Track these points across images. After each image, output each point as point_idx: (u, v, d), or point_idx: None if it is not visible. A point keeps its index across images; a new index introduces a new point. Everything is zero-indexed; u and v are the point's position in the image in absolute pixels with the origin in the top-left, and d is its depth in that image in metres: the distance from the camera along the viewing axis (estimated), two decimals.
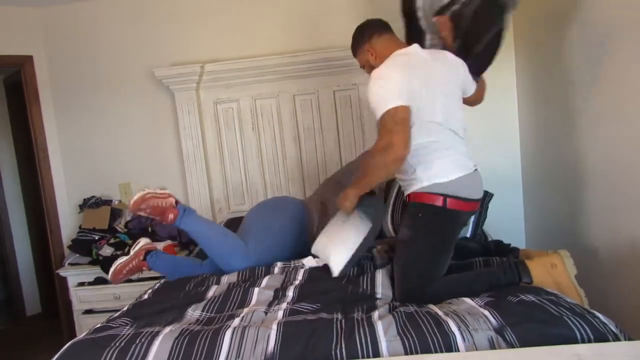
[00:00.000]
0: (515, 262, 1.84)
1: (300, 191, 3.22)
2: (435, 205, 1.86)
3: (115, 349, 1.43)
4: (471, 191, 1.93)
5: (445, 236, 1.90)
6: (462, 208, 1.89)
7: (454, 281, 1.86)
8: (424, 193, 1.88)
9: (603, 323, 1.36)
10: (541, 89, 2.77)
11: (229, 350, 1.38)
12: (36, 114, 3.33)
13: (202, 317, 1.69)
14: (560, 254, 1.84)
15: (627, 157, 1.98)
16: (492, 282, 1.80)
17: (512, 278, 1.79)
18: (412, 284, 1.82)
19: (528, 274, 1.79)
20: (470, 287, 1.79)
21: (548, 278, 1.78)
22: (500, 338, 1.35)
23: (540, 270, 1.80)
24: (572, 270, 1.80)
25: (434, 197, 1.86)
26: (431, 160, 1.87)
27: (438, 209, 1.86)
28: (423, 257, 1.86)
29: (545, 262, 1.82)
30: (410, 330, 1.41)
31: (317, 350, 1.37)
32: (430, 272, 1.84)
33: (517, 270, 1.80)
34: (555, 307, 1.45)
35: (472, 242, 2.40)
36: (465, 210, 1.93)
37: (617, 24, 1.97)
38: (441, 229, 1.89)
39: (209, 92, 3.22)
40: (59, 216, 3.41)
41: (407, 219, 1.95)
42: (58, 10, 3.30)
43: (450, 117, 1.92)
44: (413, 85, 1.83)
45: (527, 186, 3.14)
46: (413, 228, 1.90)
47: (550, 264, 1.81)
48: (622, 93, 1.97)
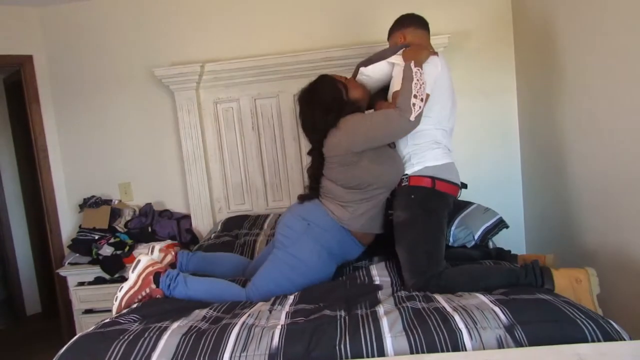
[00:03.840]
0: (540, 267, 1.84)
1: (300, 191, 3.21)
2: (426, 186, 1.99)
3: (123, 342, 1.44)
4: (454, 176, 2.08)
5: (439, 215, 1.99)
6: (447, 190, 2.02)
7: (472, 270, 1.89)
8: (414, 176, 2.01)
9: (616, 331, 1.34)
10: (541, 89, 2.76)
11: (235, 345, 1.39)
12: (36, 113, 3.33)
13: (209, 314, 1.70)
14: (587, 271, 1.83)
15: (627, 156, 1.98)
16: (512, 278, 1.80)
17: (532, 280, 1.79)
18: (423, 266, 1.85)
19: (551, 281, 1.79)
20: (487, 278, 1.81)
21: (570, 291, 1.77)
22: (509, 337, 1.33)
23: (564, 282, 1.80)
24: (595, 289, 1.80)
25: (423, 179, 2.00)
26: (424, 150, 2.04)
27: (428, 190, 1.99)
28: (427, 236, 1.93)
29: (571, 275, 1.82)
30: (416, 326, 1.40)
31: (320, 346, 1.37)
32: (436, 251, 1.90)
33: (541, 275, 1.80)
34: (570, 308, 1.43)
35: (474, 250, 2.41)
36: (450, 193, 2.04)
37: (617, 24, 1.97)
38: (435, 208, 1.98)
39: (209, 91, 3.22)
40: (59, 216, 3.41)
41: (401, 202, 2.03)
42: (58, 10, 3.30)
43: (449, 118, 2.13)
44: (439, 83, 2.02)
45: (527, 186, 3.13)
46: (409, 209, 1.99)
47: (576, 279, 1.81)
48: (622, 93, 1.97)
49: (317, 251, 2.01)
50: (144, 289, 1.97)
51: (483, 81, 3.11)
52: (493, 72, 3.12)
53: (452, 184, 2.04)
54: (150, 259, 2.06)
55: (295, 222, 2.07)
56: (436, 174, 2.00)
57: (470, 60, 3.10)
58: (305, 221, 2.05)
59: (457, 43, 3.06)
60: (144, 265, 2.02)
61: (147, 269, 2.01)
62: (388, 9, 3.11)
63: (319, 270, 2.03)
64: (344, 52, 3.03)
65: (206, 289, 1.98)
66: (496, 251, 2.33)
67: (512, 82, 3.11)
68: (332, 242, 2.04)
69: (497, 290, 1.68)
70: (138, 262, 2.03)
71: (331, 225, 2.04)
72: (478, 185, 3.10)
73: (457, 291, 1.73)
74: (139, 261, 2.03)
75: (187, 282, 1.97)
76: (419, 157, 2.03)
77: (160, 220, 3.25)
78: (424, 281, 1.81)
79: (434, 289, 1.77)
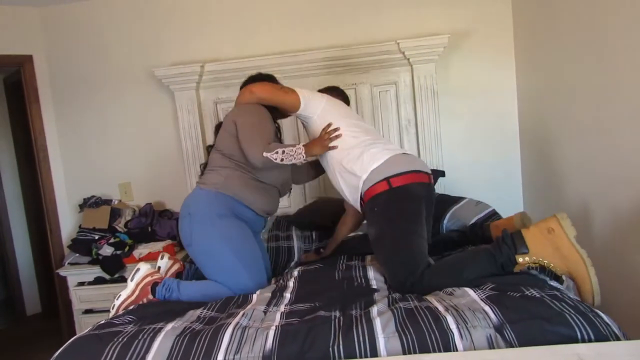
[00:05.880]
0: (510, 234, 1.77)
1: (300, 191, 3.22)
2: (383, 191, 1.93)
3: (117, 344, 1.44)
4: (409, 165, 1.99)
5: (406, 214, 1.92)
6: (408, 181, 1.95)
7: (448, 266, 1.86)
8: (369, 188, 1.96)
9: (606, 324, 1.33)
10: (541, 89, 2.76)
11: (228, 347, 1.39)
12: (36, 114, 3.33)
13: (204, 314, 1.70)
14: (557, 217, 1.75)
15: (627, 156, 1.98)
16: (490, 263, 1.75)
17: (508, 252, 1.73)
18: (401, 276, 1.83)
19: (523, 244, 1.72)
20: (468, 270, 1.77)
21: (547, 245, 1.71)
22: (499, 336, 1.34)
23: (537, 238, 1.73)
24: (570, 232, 1.72)
25: (378, 185, 1.94)
26: (355, 163, 2.02)
27: (387, 193, 1.92)
28: (398, 246, 1.88)
29: (542, 228, 1.74)
30: (408, 326, 1.40)
31: (314, 347, 1.37)
32: (411, 258, 1.85)
33: (513, 242, 1.74)
34: (559, 303, 1.43)
35: (453, 232, 2.40)
36: (414, 182, 1.96)
37: (618, 24, 1.97)
38: (399, 209, 1.92)
39: (209, 91, 3.22)
40: (58, 216, 3.42)
41: (368, 219, 2.02)
42: (58, 10, 3.31)
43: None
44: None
45: (527, 186, 3.13)
46: (375, 223, 1.96)
47: (547, 229, 1.73)
48: (622, 93, 1.97)
49: (210, 233, 2.05)
50: (142, 298, 2.00)
51: (483, 81, 3.11)
52: (493, 72, 3.12)
53: (407, 173, 1.96)
54: (149, 268, 2.09)
55: (181, 222, 2.14)
56: (387, 173, 1.95)
57: (470, 60, 3.10)
58: (187, 213, 2.11)
59: (457, 43, 3.06)
60: (143, 274, 2.05)
61: (145, 278, 2.04)
62: (388, 9, 3.13)
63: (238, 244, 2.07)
64: (344, 52, 3.03)
65: (197, 291, 2.03)
66: (470, 228, 2.31)
67: (512, 82, 3.11)
68: (220, 210, 2.06)
69: (486, 285, 1.64)
70: (137, 270, 2.05)
71: (206, 197, 2.09)
72: (478, 185, 3.12)
73: (441, 289, 1.71)
74: (138, 269, 2.05)
75: (180, 288, 2.02)
76: (357, 169, 2.00)
77: (160, 220, 3.25)
78: (407, 289, 1.79)
79: (419, 292, 1.74)
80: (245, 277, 2.04)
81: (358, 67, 3.08)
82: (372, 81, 3.10)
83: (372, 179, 1.96)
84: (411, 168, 1.99)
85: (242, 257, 2.06)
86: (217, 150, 2.20)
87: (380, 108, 3.13)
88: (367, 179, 1.98)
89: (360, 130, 2.13)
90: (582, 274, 1.68)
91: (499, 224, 2.17)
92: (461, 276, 1.75)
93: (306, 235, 2.76)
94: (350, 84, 3.11)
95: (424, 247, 1.91)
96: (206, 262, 2.10)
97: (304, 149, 2.05)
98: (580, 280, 1.68)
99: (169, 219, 3.27)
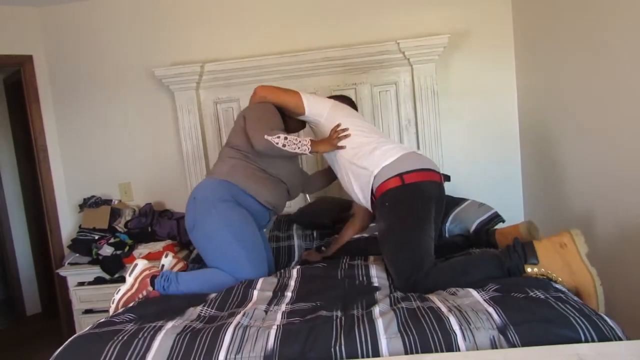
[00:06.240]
0: (522, 243, 1.78)
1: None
2: (396, 187, 1.94)
3: (118, 343, 1.44)
4: (422, 163, 2.02)
5: (416, 211, 1.93)
6: (421, 178, 1.97)
7: (454, 266, 1.86)
8: (381, 184, 1.97)
9: (610, 327, 1.32)
10: (541, 89, 2.76)
11: (229, 346, 1.39)
12: (36, 113, 3.33)
13: (205, 312, 1.69)
14: (571, 233, 1.75)
15: (627, 156, 1.98)
16: (496, 267, 1.76)
17: (517, 261, 1.74)
18: (406, 272, 1.83)
19: (534, 255, 1.73)
20: (474, 272, 1.77)
21: (557, 259, 1.71)
22: (502, 338, 1.33)
23: (549, 251, 1.73)
24: (582, 249, 1.72)
25: (391, 181, 1.95)
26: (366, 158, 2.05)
27: (400, 189, 1.94)
28: (405, 241, 1.89)
29: (555, 242, 1.75)
30: (411, 327, 1.40)
31: (316, 347, 1.37)
32: (417, 255, 1.85)
33: (524, 251, 1.75)
34: (563, 305, 1.42)
35: (457, 237, 2.41)
36: (426, 180, 1.98)
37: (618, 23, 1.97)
38: (410, 206, 1.94)
39: (209, 91, 3.21)
40: (58, 216, 3.41)
41: (378, 213, 2.03)
42: (58, 10, 3.30)
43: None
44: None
45: (527, 186, 3.13)
46: (385, 218, 1.97)
47: (560, 244, 1.73)
48: (622, 93, 1.97)
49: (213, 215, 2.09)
50: (141, 291, 2.03)
51: (483, 81, 3.11)
52: (493, 72, 3.12)
53: (420, 171, 1.98)
54: (147, 263, 2.12)
55: (187, 207, 2.20)
56: (397, 169, 1.97)
57: (470, 60, 3.10)
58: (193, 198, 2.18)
59: (457, 43, 3.06)
60: (141, 268, 2.09)
61: (144, 272, 2.08)
62: (388, 9, 3.13)
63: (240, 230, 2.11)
64: (343, 52, 3.03)
65: (194, 279, 2.08)
66: (474, 234, 2.32)
67: (512, 82, 3.11)
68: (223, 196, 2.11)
69: (490, 286, 1.64)
70: (135, 265, 2.09)
71: (211, 184, 2.16)
72: (478, 185, 3.12)
73: (445, 288, 1.71)
74: (136, 265, 2.10)
75: (179, 279, 2.05)
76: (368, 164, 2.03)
77: (160, 221, 3.25)
78: (411, 285, 1.79)
79: (422, 290, 1.75)
80: (245, 262, 2.07)
81: (358, 67, 3.08)
82: (372, 81, 3.10)
83: (384, 174, 1.98)
84: (424, 166, 2.01)
85: (242, 242, 2.09)
86: (227, 144, 2.29)
87: (380, 108, 3.13)
88: (378, 174, 1.99)
89: (370, 131, 2.16)
90: (589, 290, 1.68)
91: (504, 231, 2.18)
92: (466, 277, 1.76)
93: (307, 234, 2.76)
94: (350, 84, 3.11)
95: (431, 246, 1.91)
96: (207, 246, 2.14)
97: (310, 142, 2.09)
98: (586, 295, 1.69)
99: (169, 219, 3.27)
